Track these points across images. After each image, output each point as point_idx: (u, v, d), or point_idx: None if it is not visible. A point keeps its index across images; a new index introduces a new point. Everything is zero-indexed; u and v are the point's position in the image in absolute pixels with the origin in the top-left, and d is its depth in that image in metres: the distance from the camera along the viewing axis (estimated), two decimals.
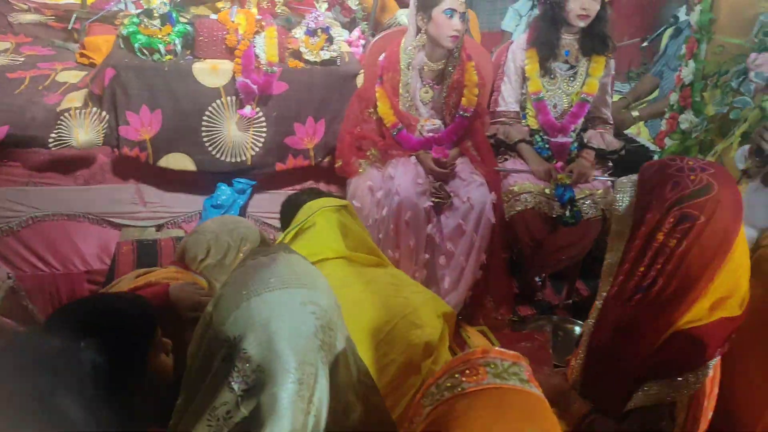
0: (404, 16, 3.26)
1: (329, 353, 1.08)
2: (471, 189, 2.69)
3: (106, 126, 2.76)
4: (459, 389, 0.96)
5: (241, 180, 2.96)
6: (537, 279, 3.06)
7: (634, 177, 1.53)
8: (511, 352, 1.02)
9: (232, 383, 1.01)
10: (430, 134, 2.80)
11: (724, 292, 1.43)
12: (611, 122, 2.97)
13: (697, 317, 1.43)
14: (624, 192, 1.53)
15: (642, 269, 1.45)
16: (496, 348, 1.03)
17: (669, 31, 3.72)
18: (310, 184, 3.10)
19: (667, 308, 1.43)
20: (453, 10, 2.57)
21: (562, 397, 1.64)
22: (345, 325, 1.16)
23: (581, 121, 2.89)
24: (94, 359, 1.04)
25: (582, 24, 2.73)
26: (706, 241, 1.38)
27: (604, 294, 1.58)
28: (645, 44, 3.79)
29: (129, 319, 1.23)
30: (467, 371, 0.98)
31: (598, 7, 2.69)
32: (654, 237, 1.43)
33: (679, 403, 1.44)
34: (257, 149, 2.92)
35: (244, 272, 1.09)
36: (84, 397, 0.99)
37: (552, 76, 2.85)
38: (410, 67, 2.75)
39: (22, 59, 3.17)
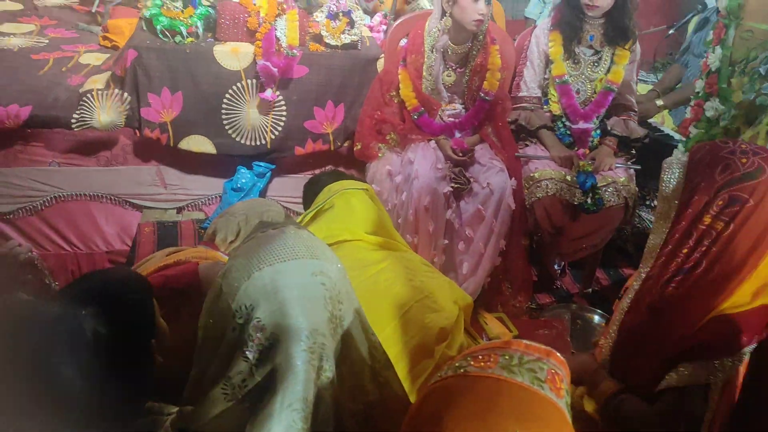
0: (426, 0, 3.23)
1: (338, 326, 1.10)
2: (491, 174, 2.67)
3: (127, 107, 2.78)
4: (461, 370, 0.93)
5: (261, 163, 2.97)
6: (556, 267, 3.03)
7: (683, 158, 1.51)
8: (543, 347, 0.95)
9: (246, 352, 1.03)
10: (451, 119, 2.78)
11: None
12: (635, 109, 2.93)
13: (738, 303, 1.39)
14: (671, 172, 1.51)
15: (685, 251, 1.43)
16: (526, 342, 0.95)
17: (695, 20, 3.65)
18: (329, 168, 3.09)
19: (708, 292, 1.41)
20: None
21: (591, 375, 1.62)
22: (356, 299, 1.16)
23: (604, 110, 2.86)
24: (93, 327, 1.06)
25: (591, 13, 2.70)
26: (754, 226, 1.36)
27: (643, 275, 1.56)
28: (671, 32, 3.71)
29: (126, 289, 1.24)
30: (480, 356, 0.93)
31: None
32: (701, 219, 1.41)
33: (713, 386, 1.41)
34: (277, 133, 2.92)
35: (255, 244, 1.11)
36: (81, 364, 1.01)
37: (576, 60, 2.81)
38: (434, 50, 2.73)
39: (47, 41, 3.21)
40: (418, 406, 0.97)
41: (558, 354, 0.95)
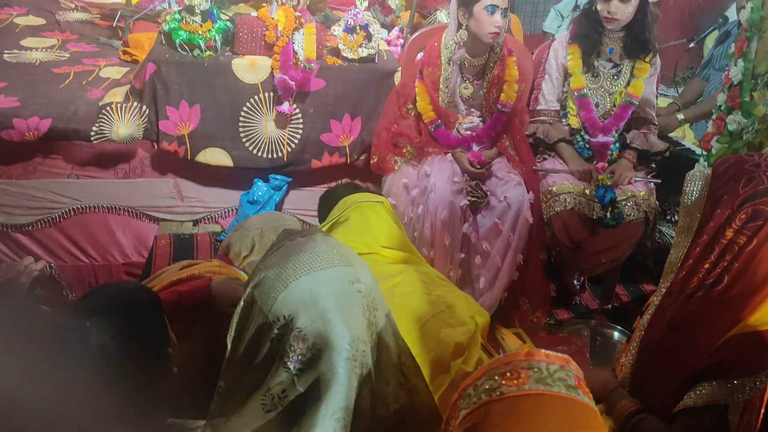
0: (443, 14, 3.23)
1: (374, 332, 1.10)
2: (508, 188, 2.65)
3: (146, 120, 2.80)
4: (497, 393, 0.89)
5: (278, 176, 2.97)
6: (575, 282, 2.98)
7: (707, 170, 1.48)
8: (559, 354, 0.94)
9: (288, 363, 1.02)
10: (468, 132, 2.76)
11: None
12: (655, 122, 2.89)
13: (762, 320, 1.35)
14: (694, 185, 1.48)
15: (707, 266, 1.39)
16: (543, 350, 0.94)
17: (714, 35, 3.61)
18: (345, 181, 3.09)
19: (730, 308, 1.37)
20: (495, 6, 2.53)
21: (610, 394, 1.59)
22: (386, 304, 1.15)
23: (624, 123, 2.83)
24: (100, 339, 1.06)
25: (610, 27, 2.68)
26: None
27: (664, 290, 1.52)
28: (691, 45, 3.68)
29: (134, 302, 1.24)
30: (508, 374, 0.91)
31: (628, 11, 2.62)
32: (723, 233, 1.37)
33: (733, 407, 1.37)
34: (293, 146, 2.92)
35: (286, 253, 1.10)
36: (92, 375, 1.01)
37: (595, 73, 2.79)
38: (451, 62, 2.72)
39: (68, 55, 3.25)
40: None
41: (572, 360, 0.95)
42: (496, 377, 0.91)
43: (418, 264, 2.13)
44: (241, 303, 1.08)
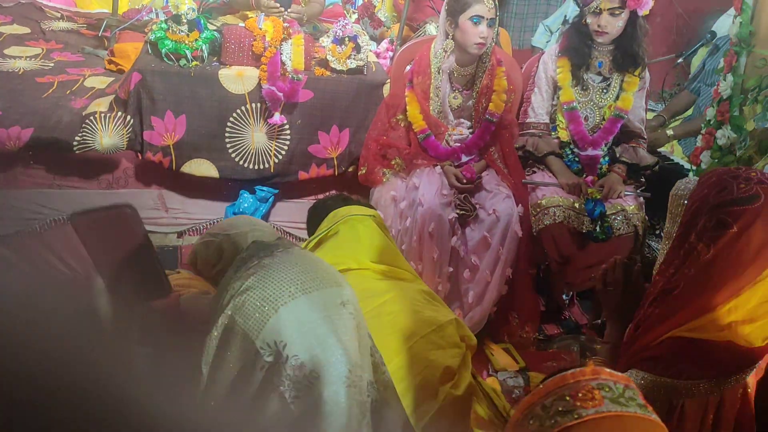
0: (432, 27, 3.22)
1: (365, 354, 1.06)
2: (497, 201, 2.62)
3: (130, 130, 2.75)
4: (575, 415, 0.86)
5: (264, 188, 2.93)
6: (564, 297, 2.95)
7: (695, 178, 1.48)
8: (620, 374, 0.92)
9: (283, 391, 0.97)
10: (457, 144, 2.74)
11: (746, 315, 1.32)
12: (644, 137, 2.88)
13: (701, 328, 1.34)
14: (681, 192, 1.48)
15: (672, 271, 1.39)
16: (605, 368, 0.92)
17: (704, 50, 3.63)
18: (333, 193, 3.05)
19: (678, 311, 1.36)
20: (480, 17, 2.52)
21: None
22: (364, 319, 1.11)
23: (613, 137, 2.82)
24: None
25: (600, 40, 2.67)
26: (734, 254, 1.30)
27: None
28: (679, 60, 3.69)
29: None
30: (580, 394, 0.87)
31: (618, 25, 2.62)
32: (688, 238, 1.37)
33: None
34: (280, 157, 2.89)
35: (267, 272, 1.03)
36: None
37: (584, 87, 2.78)
38: (440, 71, 2.70)
39: (52, 64, 3.20)
40: None
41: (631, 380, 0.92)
42: (567, 398, 0.88)
43: (408, 280, 2.08)
44: (220, 327, 1.02)
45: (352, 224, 2.04)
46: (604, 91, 2.79)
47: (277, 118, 2.79)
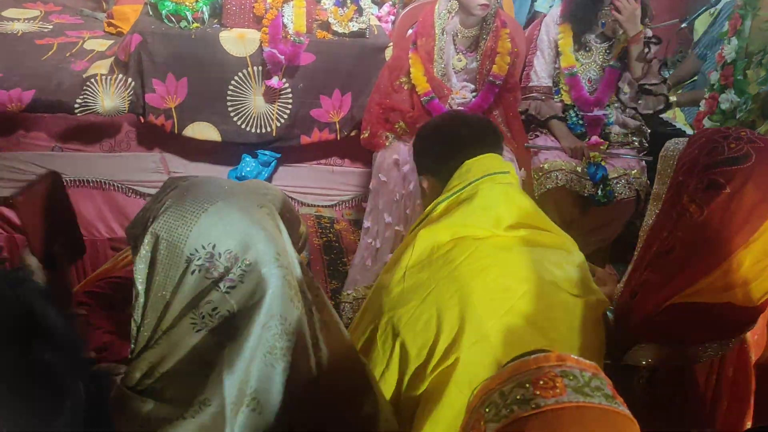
0: None
1: (292, 252, 1.14)
2: None
3: (131, 93, 2.74)
4: (533, 405, 0.77)
5: (266, 152, 2.92)
6: None
7: (684, 139, 1.45)
8: (588, 362, 0.84)
9: (219, 283, 1.02)
10: (460, 108, 2.73)
11: (742, 276, 1.31)
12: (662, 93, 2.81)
13: (702, 291, 1.34)
14: (670, 152, 1.46)
15: (665, 234, 1.38)
16: (572, 355, 0.83)
17: (706, 16, 3.59)
18: (334, 158, 3.05)
19: (677, 275, 1.36)
20: None
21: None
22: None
23: (613, 91, 2.78)
24: None
25: None
26: (729, 215, 1.29)
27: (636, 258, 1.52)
28: (683, 25, 3.65)
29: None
30: (541, 382, 0.79)
31: None
32: (680, 200, 1.35)
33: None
34: (282, 121, 2.88)
35: (185, 190, 1.08)
36: None
37: (587, 48, 2.76)
38: (444, 32, 2.68)
39: (51, 27, 3.17)
40: None
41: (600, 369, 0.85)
42: (527, 385, 0.79)
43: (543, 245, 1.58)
44: (147, 245, 1.04)
45: (492, 185, 1.55)
46: (608, 51, 2.77)
47: (275, 81, 2.77)
